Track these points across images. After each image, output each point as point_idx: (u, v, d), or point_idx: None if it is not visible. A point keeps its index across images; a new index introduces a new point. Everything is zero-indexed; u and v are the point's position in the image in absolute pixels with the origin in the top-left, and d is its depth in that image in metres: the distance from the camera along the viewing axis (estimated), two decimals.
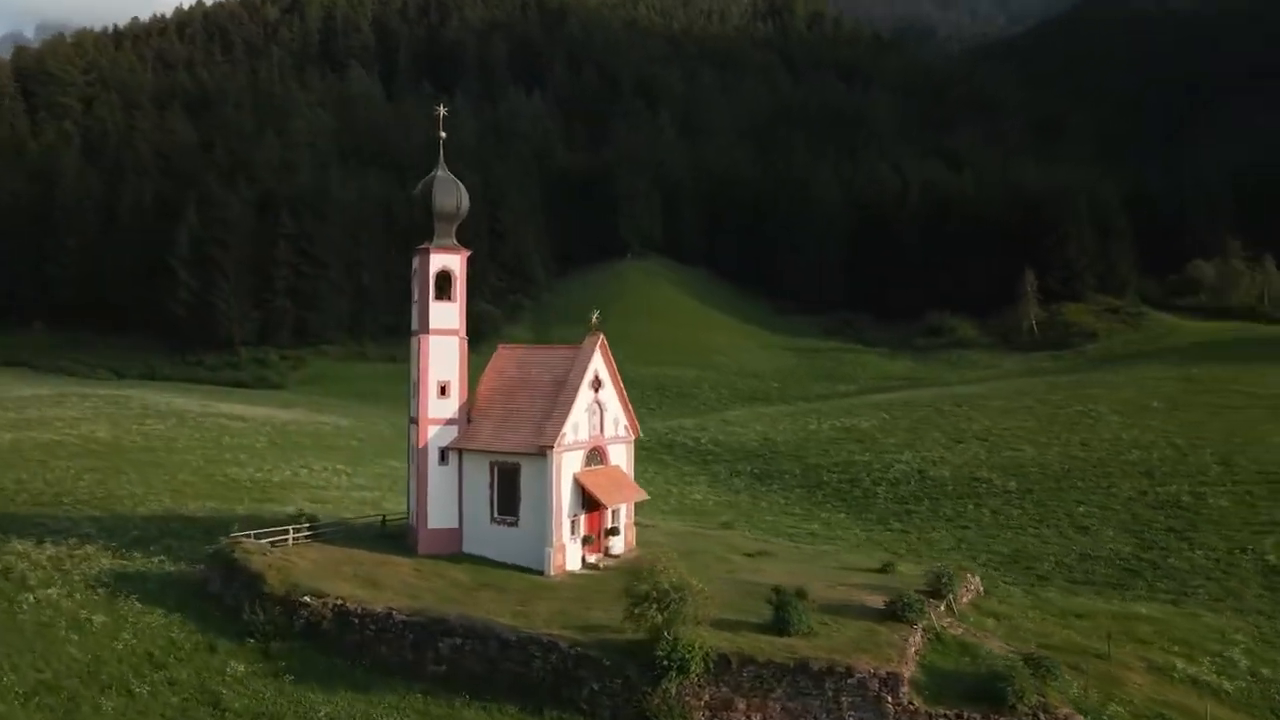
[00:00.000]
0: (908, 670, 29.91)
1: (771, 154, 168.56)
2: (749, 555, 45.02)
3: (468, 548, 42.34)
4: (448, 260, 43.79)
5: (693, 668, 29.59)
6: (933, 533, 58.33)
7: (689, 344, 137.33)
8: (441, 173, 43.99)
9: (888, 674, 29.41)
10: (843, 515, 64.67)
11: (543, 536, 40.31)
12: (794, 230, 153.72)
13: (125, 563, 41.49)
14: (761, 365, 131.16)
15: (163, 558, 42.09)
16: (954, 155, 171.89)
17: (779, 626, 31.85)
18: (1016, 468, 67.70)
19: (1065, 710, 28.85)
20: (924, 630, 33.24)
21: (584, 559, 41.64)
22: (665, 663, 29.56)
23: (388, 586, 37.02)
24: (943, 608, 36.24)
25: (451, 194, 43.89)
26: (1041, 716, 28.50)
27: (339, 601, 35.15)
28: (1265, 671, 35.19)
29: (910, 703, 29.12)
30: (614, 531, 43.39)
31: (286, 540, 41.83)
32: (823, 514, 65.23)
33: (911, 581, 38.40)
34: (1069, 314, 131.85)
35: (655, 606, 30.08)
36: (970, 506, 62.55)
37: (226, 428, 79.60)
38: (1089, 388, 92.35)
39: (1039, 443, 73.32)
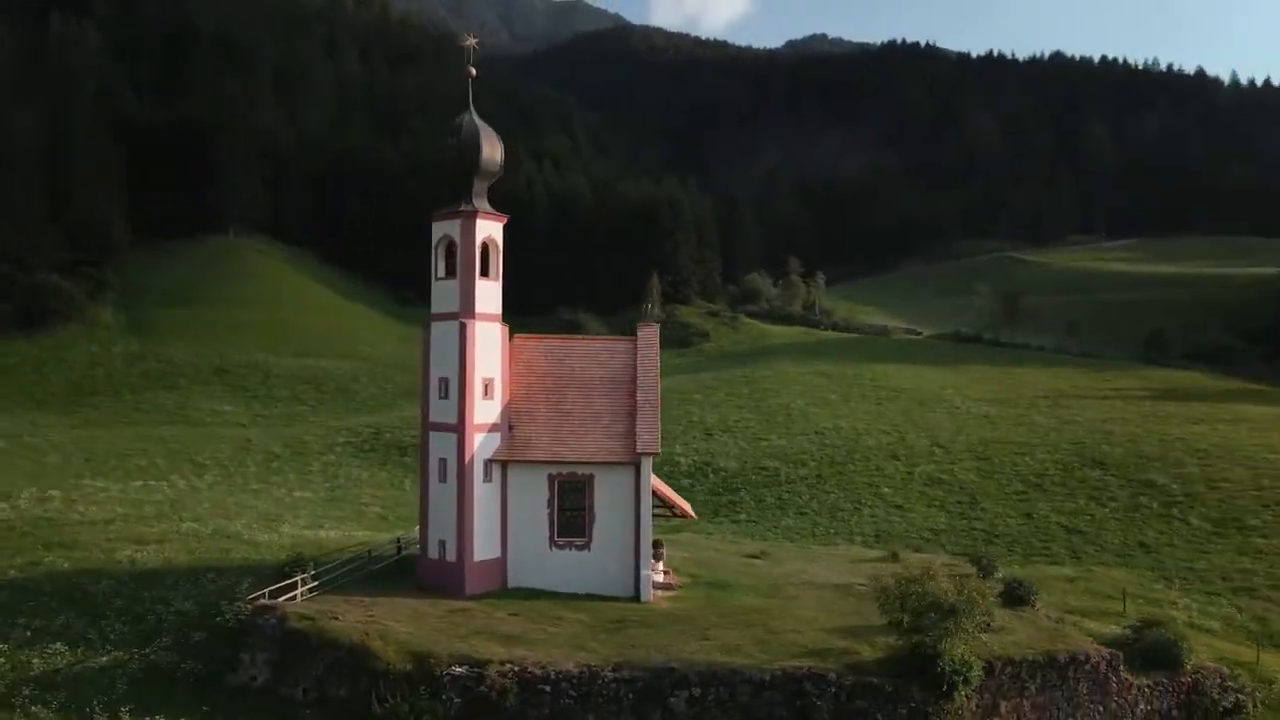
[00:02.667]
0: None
1: (389, 134, 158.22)
2: (752, 557, 43.87)
3: (516, 580, 34.99)
4: (492, 228, 35.66)
5: (973, 677, 28.76)
6: (785, 520, 61.80)
7: (328, 333, 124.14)
8: (478, 119, 35.49)
9: (1110, 655, 31.69)
10: None
11: (622, 559, 35.02)
12: (419, 217, 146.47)
13: (43, 659, 27.04)
14: (411, 358, 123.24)
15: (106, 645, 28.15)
16: (551, 156, 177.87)
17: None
18: (799, 453, 74.33)
19: (1212, 665, 33.85)
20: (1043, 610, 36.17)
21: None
22: (954, 676, 28.30)
23: (523, 640, 29.31)
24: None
25: (497, 145, 35.73)
26: (1201, 673, 33.13)
27: (515, 667, 27.05)
28: None
29: (1125, 678, 31.76)
30: (658, 545, 39.17)
31: (295, 594, 30.61)
32: None
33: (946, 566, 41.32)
34: (682, 315, 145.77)
35: (940, 617, 28.58)
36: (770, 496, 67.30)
37: None
38: (754, 383, 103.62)
39: (781, 430, 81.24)
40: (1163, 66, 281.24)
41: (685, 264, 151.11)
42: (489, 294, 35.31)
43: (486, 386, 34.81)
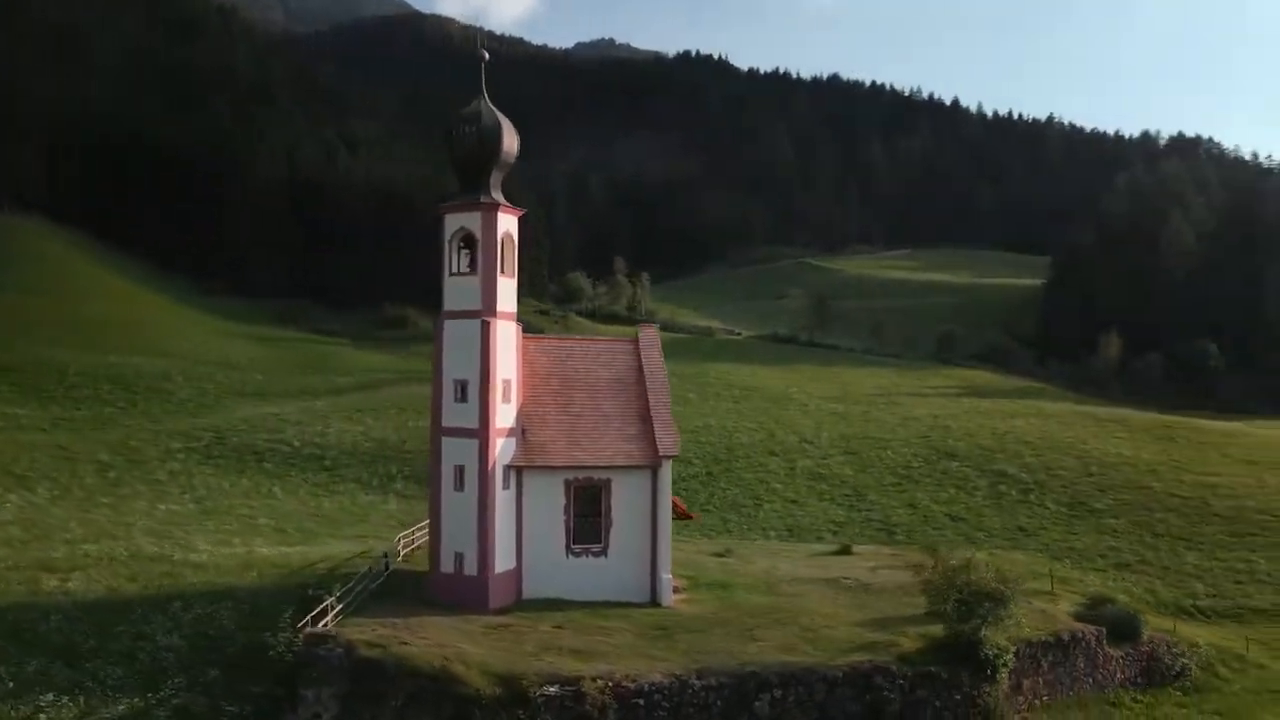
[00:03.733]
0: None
1: (181, 108, 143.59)
2: (719, 555, 44.19)
3: (532, 590, 33.49)
4: (510, 222, 33.75)
5: (1010, 660, 30.73)
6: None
7: (128, 327, 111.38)
8: (493, 107, 33.43)
9: (1097, 630, 34.85)
10: None
11: (639, 564, 34.43)
12: (223, 201, 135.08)
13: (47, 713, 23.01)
14: (230, 354, 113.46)
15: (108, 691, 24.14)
16: (351, 140, 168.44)
17: None
18: (682, 452, 75.38)
19: (1159, 635, 38.02)
20: None
21: None
22: (996, 660, 30.12)
23: (592, 654, 28.12)
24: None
25: (514, 135, 33.80)
26: (1153, 642, 37.19)
27: (607, 682, 25.91)
28: None
29: (1108, 651, 35.08)
30: None
31: (327, 621, 27.66)
32: None
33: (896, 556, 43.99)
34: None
35: (992, 605, 30.29)
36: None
37: None
38: None
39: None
40: (924, 95, 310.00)
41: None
42: (508, 291, 33.56)
43: (505, 389, 33.05)
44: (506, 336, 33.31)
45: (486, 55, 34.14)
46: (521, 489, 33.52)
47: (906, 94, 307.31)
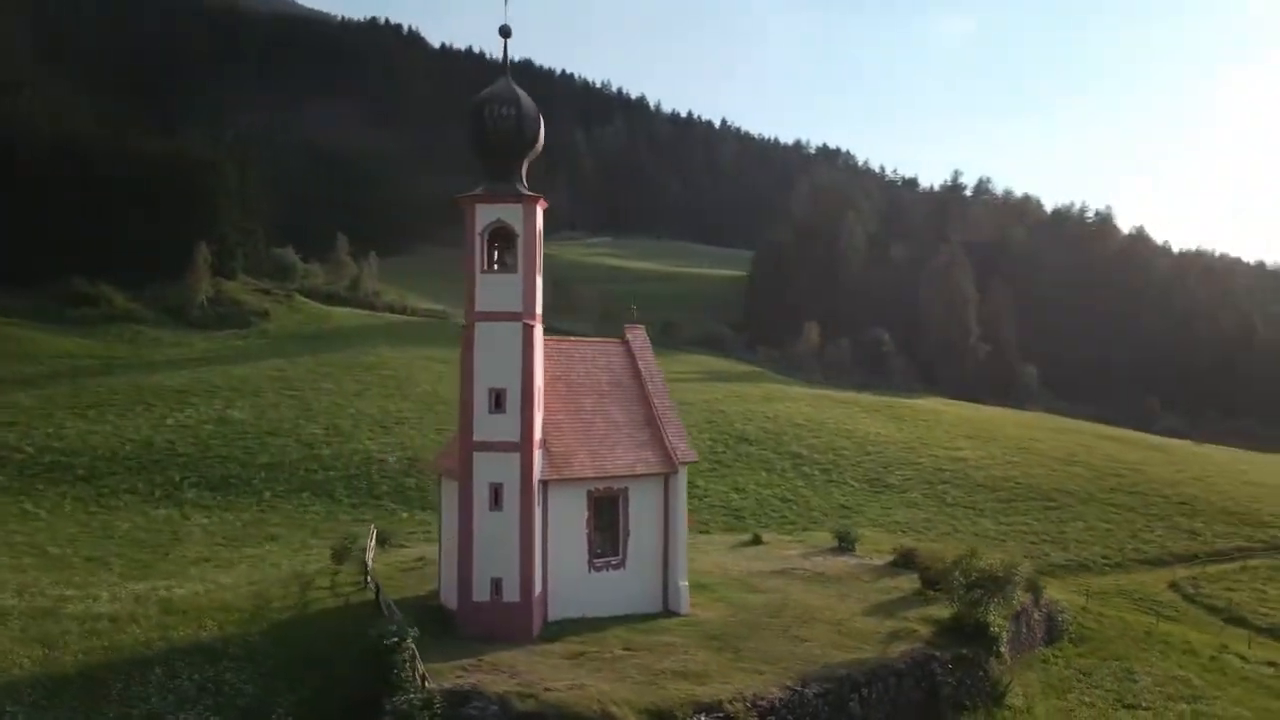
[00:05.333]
0: None
1: None
2: None
3: (558, 611, 31.38)
4: (540, 215, 30.78)
5: (1008, 632, 34.12)
6: None
7: None
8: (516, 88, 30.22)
9: (1047, 601, 39.53)
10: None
11: (653, 573, 33.56)
12: None
13: None
14: None
15: None
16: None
17: None
18: None
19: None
20: None
21: None
22: (1000, 634, 33.36)
23: (697, 674, 27.03)
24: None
25: (540, 117, 30.75)
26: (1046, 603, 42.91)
27: (747, 704, 25.16)
28: None
29: (1033, 614, 39.96)
30: None
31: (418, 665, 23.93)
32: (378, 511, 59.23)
33: (820, 542, 46.88)
34: (231, 292, 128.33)
35: (995, 589, 33.31)
36: None
37: None
38: (375, 368, 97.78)
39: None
40: (614, 89, 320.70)
41: (229, 233, 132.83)
42: (539, 291, 30.77)
43: (539, 398, 30.43)
44: (538, 341, 30.65)
45: (510, 30, 30.81)
46: (547, 504, 31.12)
47: (598, 85, 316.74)
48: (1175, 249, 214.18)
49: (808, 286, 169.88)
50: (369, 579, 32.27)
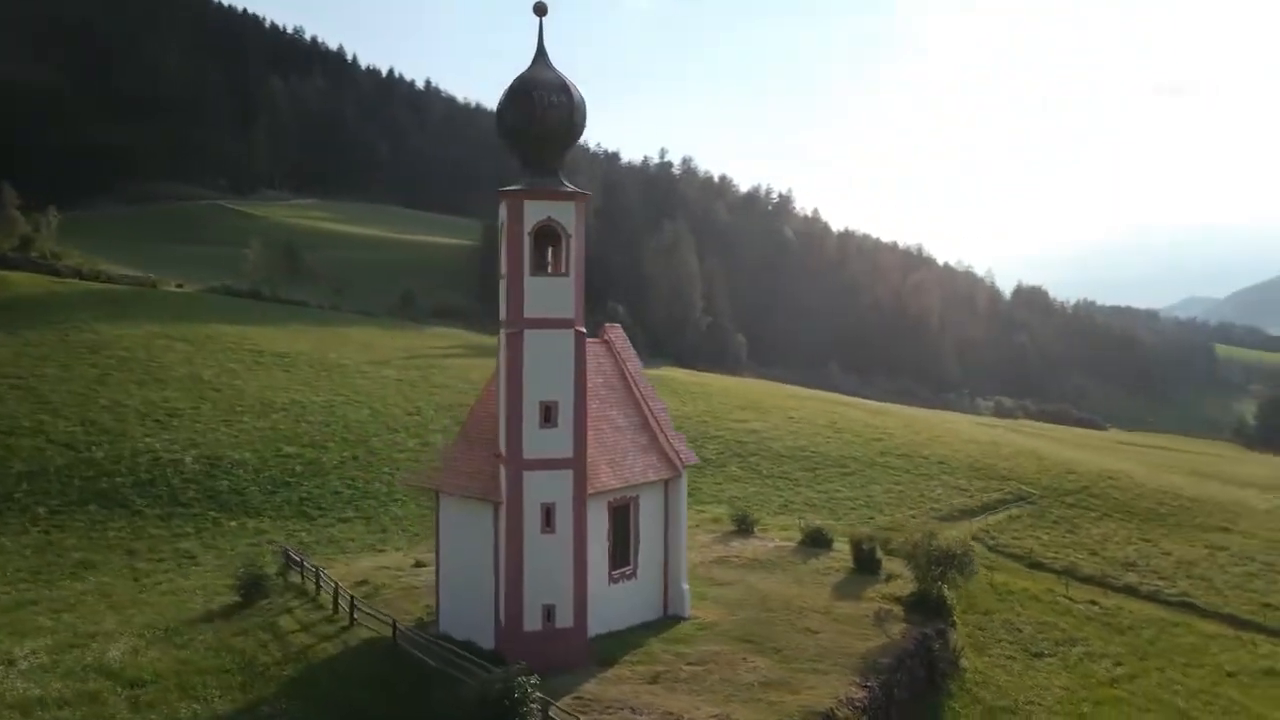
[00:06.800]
0: None
1: None
2: None
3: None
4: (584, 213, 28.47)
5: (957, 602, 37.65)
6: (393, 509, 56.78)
7: None
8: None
9: None
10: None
11: (657, 580, 33.17)
12: None
13: None
14: None
15: None
16: None
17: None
18: (299, 434, 66.30)
19: None
20: None
21: None
22: (953, 605, 36.81)
23: (781, 685, 27.16)
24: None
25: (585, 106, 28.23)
26: None
27: (850, 709, 25.80)
28: None
29: None
30: None
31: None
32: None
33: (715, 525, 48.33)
34: None
35: (953, 565, 36.49)
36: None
37: None
38: (103, 349, 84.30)
39: (252, 411, 70.59)
40: (308, 37, 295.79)
41: None
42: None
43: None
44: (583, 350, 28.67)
45: (546, 7, 27.95)
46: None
47: (290, 32, 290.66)
48: (835, 229, 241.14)
49: None
50: (350, 609, 28.53)
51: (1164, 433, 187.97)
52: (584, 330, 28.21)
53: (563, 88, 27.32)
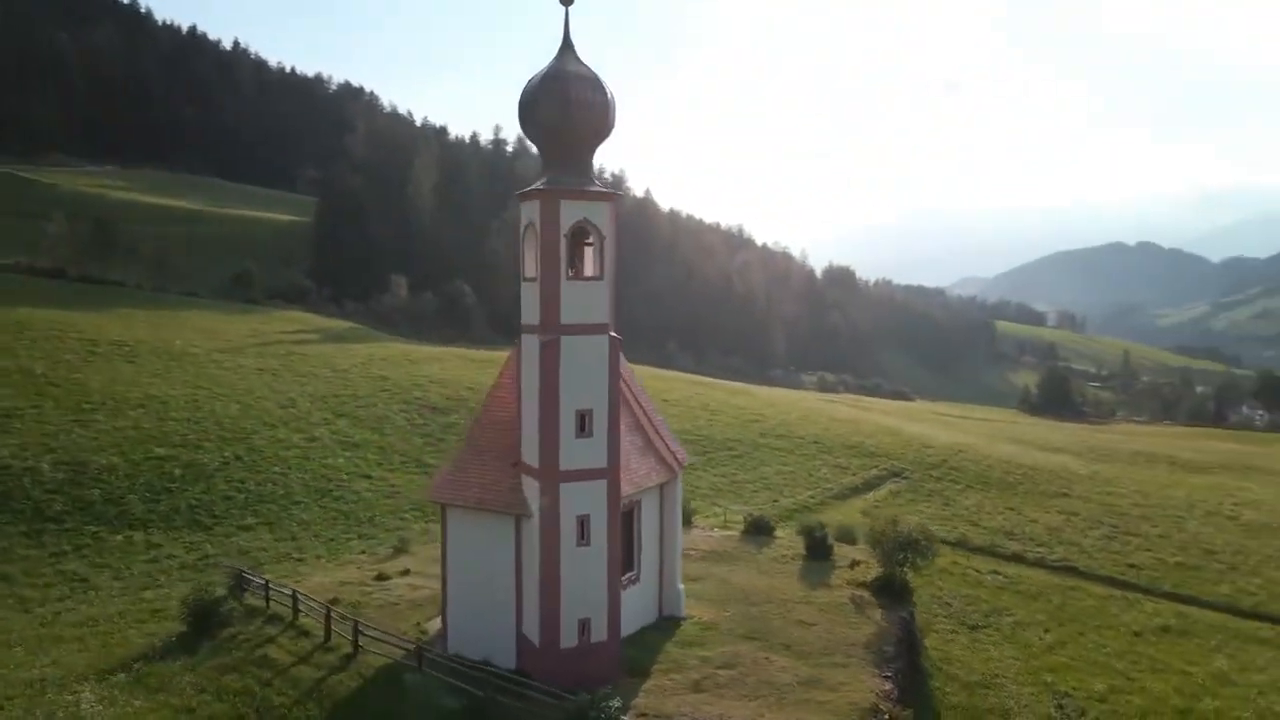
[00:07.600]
0: None
1: None
2: None
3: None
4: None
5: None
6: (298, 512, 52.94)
7: None
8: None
9: None
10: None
11: (654, 582, 32.87)
12: None
13: None
14: None
15: None
16: None
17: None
18: (183, 433, 60.69)
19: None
20: None
21: None
22: (912, 589, 38.56)
23: (817, 684, 27.49)
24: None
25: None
26: None
27: (892, 703, 26.55)
28: None
29: None
30: None
31: None
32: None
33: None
34: None
35: (914, 550, 38.09)
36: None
37: None
38: None
39: (108, 410, 63.74)
40: None
41: None
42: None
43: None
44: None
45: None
46: None
47: None
48: (666, 210, 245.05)
49: (381, 236, 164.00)
50: (354, 636, 26.55)
51: (962, 403, 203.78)
52: (618, 335, 27.23)
53: (597, 85, 26.02)
